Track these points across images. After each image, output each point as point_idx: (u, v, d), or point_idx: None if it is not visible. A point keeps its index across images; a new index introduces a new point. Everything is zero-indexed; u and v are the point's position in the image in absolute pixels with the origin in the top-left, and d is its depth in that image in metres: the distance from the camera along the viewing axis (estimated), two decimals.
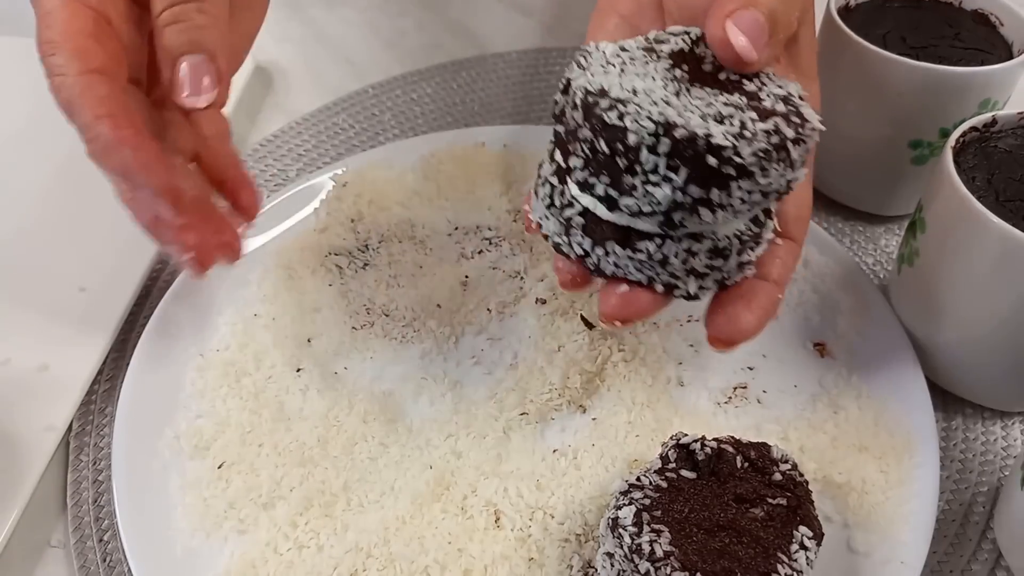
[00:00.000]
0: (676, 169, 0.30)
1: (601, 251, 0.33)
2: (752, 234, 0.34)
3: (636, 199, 0.31)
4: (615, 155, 0.30)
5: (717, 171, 0.29)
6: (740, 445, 0.38)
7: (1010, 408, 0.47)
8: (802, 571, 0.34)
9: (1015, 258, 0.40)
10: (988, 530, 0.43)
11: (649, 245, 0.32)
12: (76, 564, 0.41)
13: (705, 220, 0.31)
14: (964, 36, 0.52)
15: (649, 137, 0.29)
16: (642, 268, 0.33)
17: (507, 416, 0.45)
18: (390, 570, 0.38)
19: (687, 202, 0.30)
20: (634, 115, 0.30)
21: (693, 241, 0.32)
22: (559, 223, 0.34)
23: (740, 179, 0.30)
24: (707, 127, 0.29)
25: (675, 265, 0.33)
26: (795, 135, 0.30)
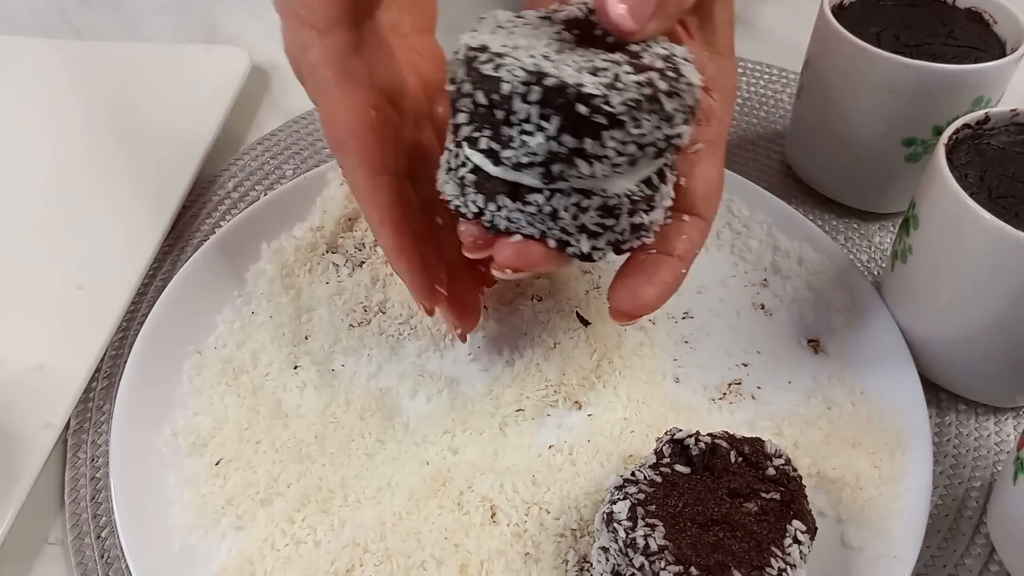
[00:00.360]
0: (548, 118, 0.30)
1: (493, 206, 0.34)
2: (643, 196, 0.34)
3: (515, 150, 0.31)
4: (493, 106, 0.31)
5: (588, 120, 0.30)
6: (734, 440, 0.38)
7: (1003, 404, 0.48)
8: (795, 565, 0.34)
9: (1008, 255, 0.40)
10: (981, 525, 0.43)
11: (538, 197, 0.33)
12: (74, 561, 0.41)
13: (583, 172, 0.31)
14: (958, 34, 0.53)
15: (521, 86, 0.30)
16: (533, 222, 0.34)
17: (503, 413, 0.45)
18: (387, 565, 0.38)
19: (563, 152, 0.31)
20: (509, 66, 0.30)
21: (582, 197, 0.33)
22: (455, 184, 0.35)
23: (611, 128, 0.30)
24: (579, 78, 0.30)
25: (566, 220, 0.33)
26: (669, 88, 0.31)
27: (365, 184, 0.37)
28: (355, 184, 0.37)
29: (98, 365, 0.48)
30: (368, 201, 0.37)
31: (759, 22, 0.78)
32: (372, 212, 0.38)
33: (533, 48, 0.31)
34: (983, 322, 0.43)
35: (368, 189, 0.37)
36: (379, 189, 0.37)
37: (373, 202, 0.37)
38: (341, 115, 0.36)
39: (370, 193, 0.37)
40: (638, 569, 0.34)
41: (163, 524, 0.41)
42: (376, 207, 0.37)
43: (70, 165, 0.60)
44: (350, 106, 0.35)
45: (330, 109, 0.36)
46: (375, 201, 0.37)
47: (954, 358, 0.46)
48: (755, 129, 0.66)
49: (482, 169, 0.34)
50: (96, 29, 0.76)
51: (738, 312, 0.51)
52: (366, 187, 0.37)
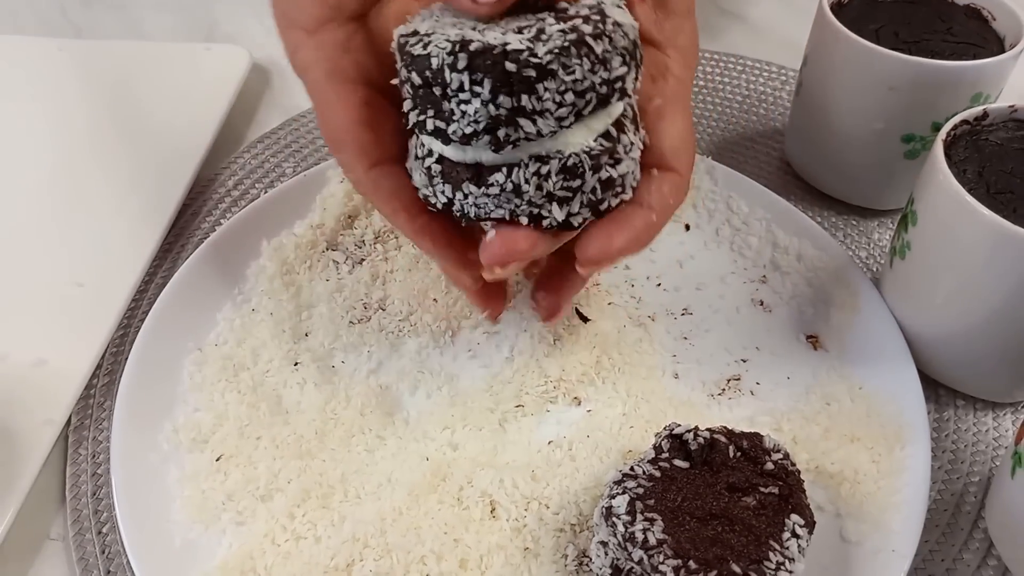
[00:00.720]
0: (480, 82, 0.30)
1: (460, 195, 0.34)
2: (604, 149, 0.34)
3: (458, 123, 0.32)
4: (428, 85, 0.31)
5: (518, 75, 0.30)
6: (733, 435, 0.38)
7: (1001, 399, 0.48)
8: (794, 558, 0.35)
9: (1006, 250, 0.40)
10: (979, 520, 0.43)
11: (499, 176, 0.33)
12: (75, 556, 0.41)
13: (529, 131, 0.31)
14: (956, 31, 0.53)
15: (448, 56, 0.30)
16: (500, 203, 0.33)
17: (503, 409, 0.45)
18: (387, 560, 0.39)
19: (503, 114, 0.31)
20: (435, 42, 0.31)
21: (540, 163, 0.33)
22: (423, 174, 0.35)
23: (543, 80, 0.30)
24: (503, 38, 0.30)
25: (530, 192, 0.33)
26: (594, 30, 0.31)
27: (365, 179, 0.36)
28: (357, 181, 0.37)
29: (99, 362, 0.48)
30: (373, 194, 0.37)
31: (758, 20, 0.78)
32: (381, 204, 0.37)
33: (462, 26, 0.32)
34: (981, 317, 0.43)
35: (369, 182, 0.37)
36: (381, 179, 0.37)
37: (378, 194, 0.37)
38: (333, 114, 0.36)
39: (373, 186, 0.37)
40: (637, 563, 0.34)
41: (164, 520, 0.41)
42: (383, 198, 0.37)
43: (71, 163, 0.60)
44: (342, 105, 0.35)
45: (323, 108, 0.36)
46: (380, 193, 0.37)
47: (952, 354, 0.46)
48: (754, 126, 0.66)
49: (445, 157, 0.34)
50: (97, 28, 0.77)
51: (737, 308, 0.51)
52: (367, 181, 0.37)
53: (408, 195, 0.37)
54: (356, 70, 0.35)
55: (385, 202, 0.37)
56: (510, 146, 0.32)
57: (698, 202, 0.57)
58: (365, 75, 0.36)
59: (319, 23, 0.35)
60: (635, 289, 0.52)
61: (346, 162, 0.37)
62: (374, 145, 0.36)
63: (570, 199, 0.34)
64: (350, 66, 0.35)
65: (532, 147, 0.32)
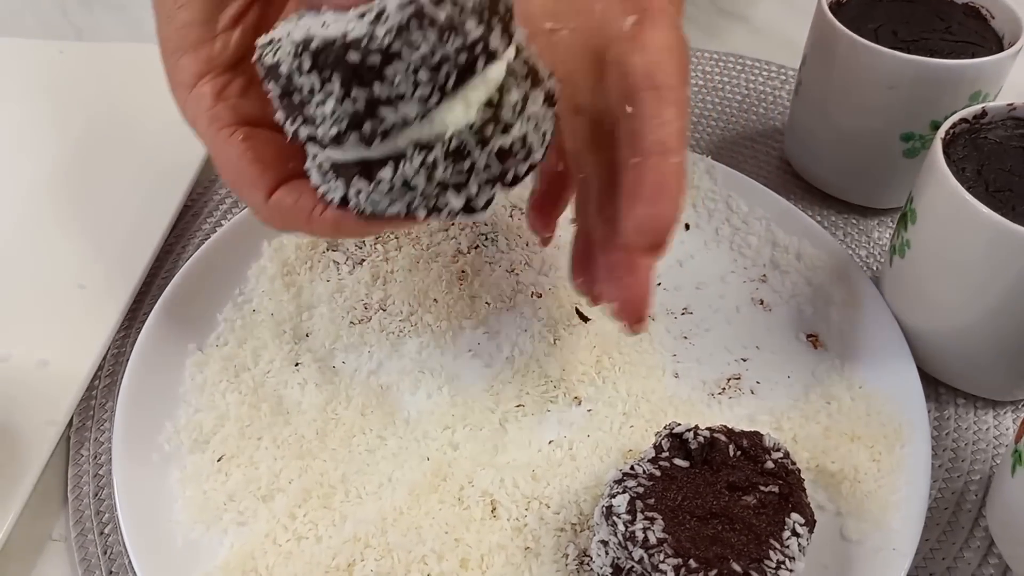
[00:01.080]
0: (328, 80, 0.29)
1: (353, 191, 0.33)
2: (488, 118, 0.31)
3: (323, 126, 0.30)
4: (287, 93, 0.31)
5: (363, 64, 0.29)
6: (733, 434, 0.38)
7: (1002, 397, 0.48)
8: (794, 557, 0.35)
9: (1005, 248, 0.40)
10: (980, 518, 0.43)
11: (386, 172, 0.31)
12: (77, 557, 0.41)
13: (394, 119, 0.30)
14: (955, 29, 0.53)
15: (294, 60, 0.29)
16: (393, 199, 0.32)
17: (503, 408, 0.45)
18: (388, 560, 0.39)
19: (361, 108, 0.30)
20: (283, 48, 0.30)
21: (425, 152, 0.31)
22: (318, 172, 0.34)
23: (389, 63, 0.29)
24: (344, 28, 0.29)
25: (421, 184, 0.31)
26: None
27: (268, 208, 0.35)
28: (266, 217, 0.36)
29: (100, 363, 0.48)
30: (279, 216, 0.36)
31: (757, 19, 0.78)
32: (290, 222, 0.36)
33: (314, 22, 0.30)
34: (981, 315, 0.43)
35: (272, 208, 0.35)
36: (281, 199, 0.35)
37: (283, 214, 0.36)
38: (221, 160, 0.36)
39: (277, 209, 0.35)
40: (637, 562, 0.34)
41: (165, 520, 0.41)
42: (289, 216, 0.35)
43: (73, 164, 0.60)
44: (225, 149, 0.36)
45: (214, 157, 0.36)
46: (284, 212, 0.35)
47: (953, 352, 0.46)
48: (754, 126, 0.66)
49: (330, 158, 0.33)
50: (98, 29, 0.77)
51: (737, 308, 0.51)
52: (270, 209, 0.35)
53: (311, 201, 0.35)
54: (232, 114, 0.36)
55: (292, 219, 0.36)
56: (380, 138, 0.30)
57: (698, 201, 0.57)
58: (242, 116, 0.36)
59: (196, 78, 0.36)
60: None
61: (248, 202, 0.36)
62: (264, 175, 0.35)
63: (464, 183, 0.32)
64: (225, 112, 0.36)
65: (411, 133, 0.31)
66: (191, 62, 0.36)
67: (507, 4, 0.31)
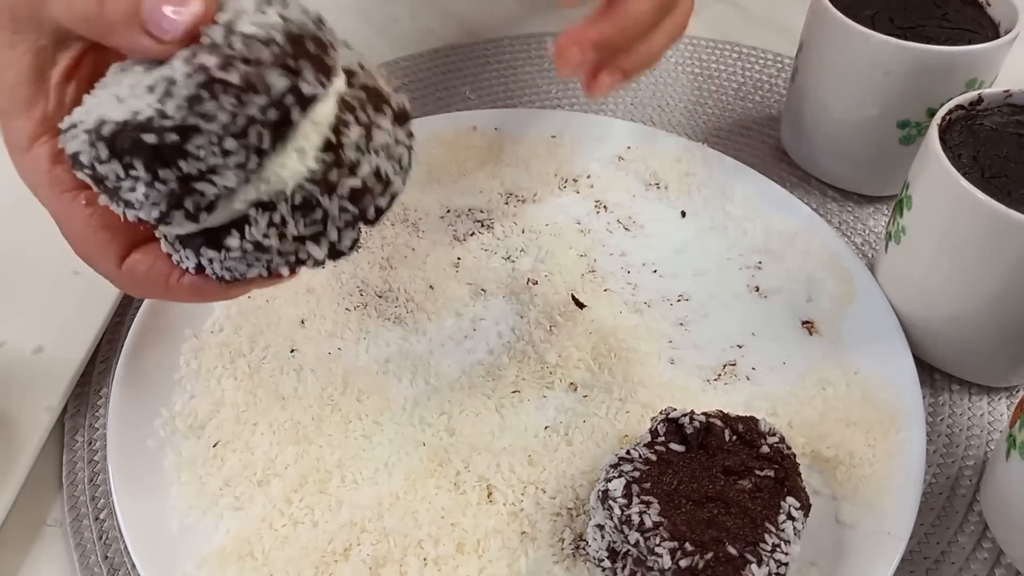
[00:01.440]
0: (131, 166, 0.27)
1: (205, 260, 0.31)
2: (330, 162, 0.29)
3: (141, 209, 0.29)
4: (96, 180, 0.29)
5: (163, 145, 0.27)
6: (728, 419, 0.38)
7: (996, 383, 0.48)
8: (789, 540, 0.35)
9: (1001, 234, 0.40)
10: (974, 503, 0.43)
11: (233, 241, 0.30)
12: (72, 542, 0.41)
13: (215, 192, 0.28)
14: (951, 16, 0.53)
15: (89, 149, 0.28)
16: (250, 262, 0.31)
17: (500, 394, 0.45)
18: (384, 544, 0.39)
19: (175, 188, 0.28)
20: (78, 136, 0.28)
21: (269, 212, 0.29)
22: (166, 242, 0.33)
23: (189, 139, 0.27)
24: (134, 106, 0.27)
25: (274, 244, 0.30)
26: (220, 61, 0.27)
27: (123, 275, 0.34)
28: (122, 284, 0.35)
29: (95, 349, 0.48)
30: (134, 283, 0.35)
31: (753, 6, 0.78)
32: (147, 288, 0.35)
33: (114, 94, 0.28)
34: (976, 302, 0.43)
35: (127, 276, 0.34)
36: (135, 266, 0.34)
37: (138, 281, 0.34)
38: (67, 226, 0.34)
39: (131, 276, 0.34)
40: (633, 545, 0.34)
41: (161, 505, 0.41)
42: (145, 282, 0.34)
43: None
44: (70, 215, 0.34)
45: (59, 223, 0.35)
46: (138, 279, 0.34)
47: (948, 338, 0.46)
48: (750, 113, 0.66)
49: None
50: None
51: (733, 294, 0.51)
52: (125, 276, 0.34)
53: (166, 266, 0.34)
54: (73, 177, 0.33)
55: (149, 285, 0.34)
56: (207, 211, 0.29)
57: (694, 189, 0.57)
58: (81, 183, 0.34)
59: (31, 140, 0.33)
60: (631, 276, 0.52)
61: (100, 269, 0.35)
62: (112, 242, 0.34)
63: (322, 232, 0.30)
64: (66, 174, 0.33)
65: (245, 195, 0.29)
66: (25, 123, 0.33)
67: (320, 39, 0.29)
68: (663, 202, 0.57)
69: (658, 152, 0.59)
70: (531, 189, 0.57)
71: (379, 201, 0.31)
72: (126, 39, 0.29)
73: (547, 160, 0.59)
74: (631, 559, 0.35)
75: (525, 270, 0.51)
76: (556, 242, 0.53)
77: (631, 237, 0.54)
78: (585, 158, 0.59)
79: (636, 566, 0.35)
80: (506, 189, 0.57)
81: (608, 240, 0.54)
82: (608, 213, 0.56)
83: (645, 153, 0.59)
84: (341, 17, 0.75)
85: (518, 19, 0.77)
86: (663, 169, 0.58)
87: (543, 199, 0.56)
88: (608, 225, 0.55)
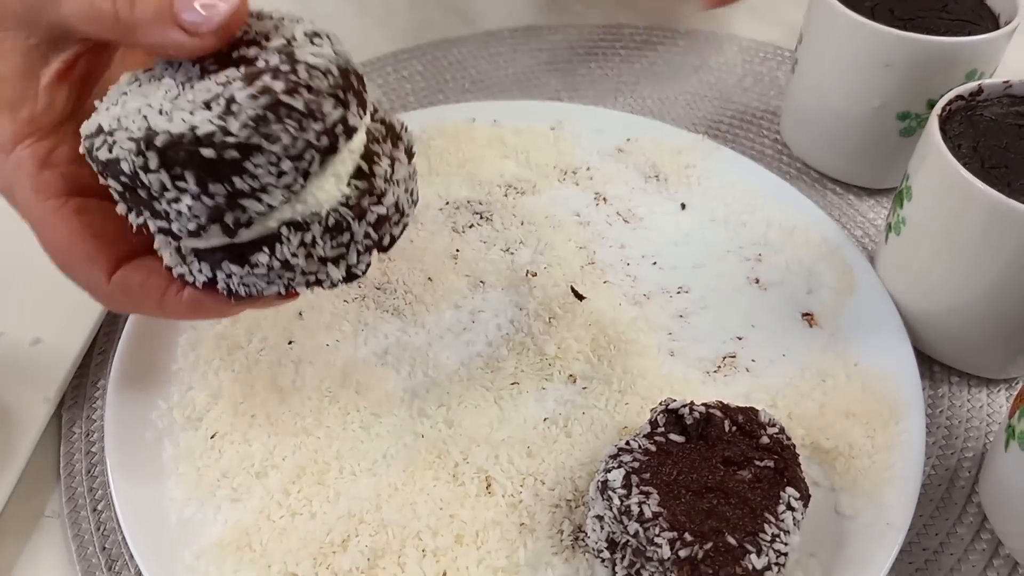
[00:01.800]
0: (182, 177, 0.28)
1: (223, 274, 0.31)
2: (363, 190, 0.31)
3: (178, 221, 0.29)
4: (130, 189, 0.29)
5: (220, 160, 0.27)
6: (728, 410, 0.38)
7: (996, 375, 0.48)
8: (789, 531, 0.35)
9: (1000, 224, 0.40)
10: (973, 494, 0.43)
11: (261, 257, 0.30)
12: (70, 534, 0.41)
13: (259, 209, 0.29)
14: (951, 8, 0.52)
15: (138, 158, 0.27)
16: (272, 279, 0.31)
17: (499, 386, 0.45)
18: (382, 536, 0.39)
19: (221, 202, 0.28)
20: (120, 142, 0.28)
21: (301, 232, 0.30)
22: (174, 254, 0.32)
23: (249, 156, 0.28)
24: (192, 120, 0.27)
25: (301, 263, 0.30)
26: (286, 86, 0.28)
27: (111, 289, 0.33)
28: (105, 296, 0.34)
29: (93, 340, 0.48)
30: (125, 297, 0.33)
31: (754, 0, 0.77)
32: (139, 304, 0.33)
33: (148, 104, 0.28)
34: (976, 293, 0.43)
35: (117, 290, 0.33)
36: (127, 277, 0.33)
37: (130, 295, 0.33)
38: (51, 234, 0.33)
39: (122, 290, 0.33)
40: (632, 536, 0.34)
41: (159, 496, 0.41)
42: (137, 297, 0.33)
43: None
44: (56, 222, 0.32)
45: (40, 231, 0.33)
46: (132, 293, 0.33)
47: (947, 330, 0.46)
48: (750, 106, 0.66)
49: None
50: None
51: (733, 286, 0.51)
52: (114, 290, 0.33)
53: (163, 280, 0.33)
54: (62, 182, 0.32)
55: (140, 300, 0.33)
56: (244, 228, 0.29)
57: (694, 181, 0.57)
58: (74, 184, 0.32)
59: (15, 141, 0.32)
60: (631, 268, 0.52)
61: (84, 281, 0.33)
62: (103, 252, 0.32)
63: (344, 254, 0.32)
64: (55, 179, 0.32)
65: (280, 215, 0.30)
66: (8, 122, 0.31)
67: (359, 74, 0.31)
68: (663, 194, 0.56)
69: (658, 144, 0.59)
70: (530, 181, 0.57)
71: (394, 230, 0.33)
72: (157, 36, 0.29)
73: (546, 152, 0.58)
74: (630, 549, 0.35)
75: (524, 262, 0.51)
76: (555, 234, 0.53)
77: (630, 229, 0.54)
78: (584, 150, 0.59)
79: (635, 556, 0.35)
80: (505, 181, 0.57)
81: (607, 232, 0.54)
82: (607, 205, 0.56)
83: (645, 145, 0.59)
84: (338, 9, 0.75)
85: (517, 11, 0.77)
86: (663, 161, 0.58)
87: (542, 191, 0.56)
88: (607, 217, 0.55)
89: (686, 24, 0.42)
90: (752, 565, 0.33)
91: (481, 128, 0.59)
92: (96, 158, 0.29)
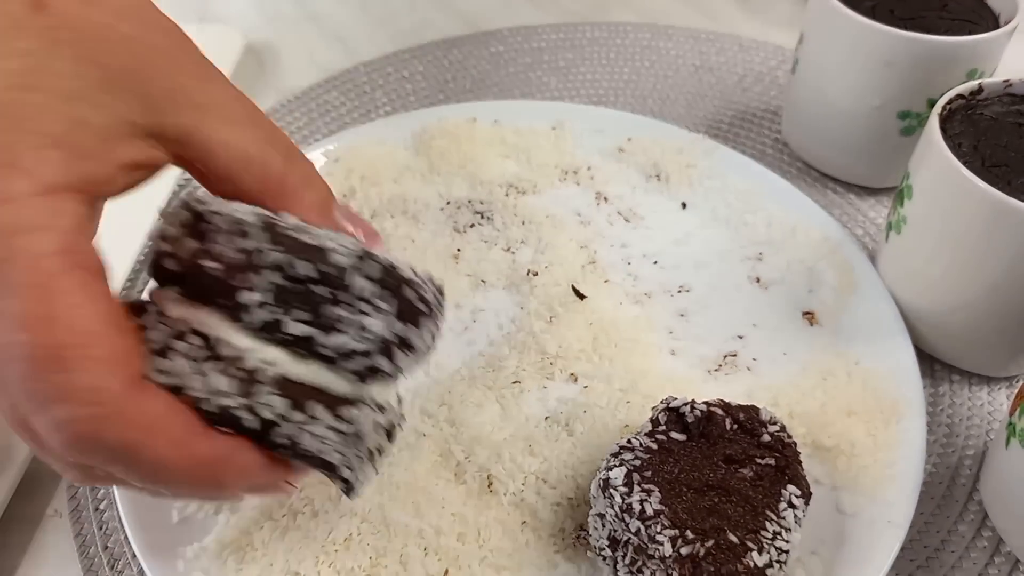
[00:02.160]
0: (387, 299, 0.27)
1: (301, 416, 0.27)
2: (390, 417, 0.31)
3: (344, 335, 0.27)
4: (317, 283, 0.27)
5: (415, 306, 0.28)
6: (729, 408, 0.38)
7: (996, 373, 0.48)
8: (790, 529, 0.35)
9: (1001, 223, 0.40)
10: (974, 492, 0.43)
11: (353, 412, 0.28)
12: (73, 532, 0.41)
13: (393, 368, 0.29)
14: (952, 7, 0.53)
15: (357, 260, 0.27)
16: (338, 447, 0.28)
17: (500, 385, 0.45)
18: (384, 535, 0.39)
19: (395, 341, 0.28)
20: (332, 237, 0.27)
21: (379, 411, 0.29)
22: (230, 381, 0.26)
23: (429, 318, 0.29)
24: (390, 260, 0.28)
25: (367, 442, 0.29)
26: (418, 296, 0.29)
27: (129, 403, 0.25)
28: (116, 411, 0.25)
29: None
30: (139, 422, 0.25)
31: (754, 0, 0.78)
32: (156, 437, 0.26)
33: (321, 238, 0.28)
34: (977, 291, 0.43)
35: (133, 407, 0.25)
36: (146, 402, 0.26)
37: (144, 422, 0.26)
38: (73, 312, 0.24)
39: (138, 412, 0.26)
40: (634, 534, 0.34)
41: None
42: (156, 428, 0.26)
43: None
44: (87, 300, 0.25)
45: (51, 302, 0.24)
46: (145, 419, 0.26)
47: (948, 328, 0.46)
48: (751, 105, 0.66)
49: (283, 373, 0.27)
50: None
51: (734, 285, 0.51)
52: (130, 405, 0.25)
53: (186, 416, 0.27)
54: (97, 261, 0.26)
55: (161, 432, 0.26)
56: (364, 381, 0.29)
57: (695, 180, 0.57)
58: (102, 270, 0.26)
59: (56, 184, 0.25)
60: (632, 267, 0.52)
61: (91, 383, 0.24)
62: (130, 357, 0.26)
63: (370, 456, 0.31)
64: (92, 254, 0.26)
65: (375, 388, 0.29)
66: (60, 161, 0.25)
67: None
68: (664, 193, 0.56)
69: (659, 143, 0.59)
70: (531, 181, 0.57)
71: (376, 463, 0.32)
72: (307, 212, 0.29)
73: (547, 152, 0.59)
74: (632, 547, 0.35)
75: (525, 261, 0.51)
76: (556, 233, 0.53)
77: (631, 228, 0.54)
78: (585, 149, 0.59)
79: (637, 554, 0.35)
80: (506, 181, 0.57)
81: (608, 231, 0.54)
82: (608, 204, 0.56)
83: (646, 144, 0.59)
84: (339, 9, 0.75)
85: (517, 10, 0.77)
86: (664, 160, 0.58)
87: (543, 191, 0.56)
88: (608, 217, 0.55)
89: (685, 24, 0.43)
90: (754, 563, 0.33)
91: (482, 128, 0.59)
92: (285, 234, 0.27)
